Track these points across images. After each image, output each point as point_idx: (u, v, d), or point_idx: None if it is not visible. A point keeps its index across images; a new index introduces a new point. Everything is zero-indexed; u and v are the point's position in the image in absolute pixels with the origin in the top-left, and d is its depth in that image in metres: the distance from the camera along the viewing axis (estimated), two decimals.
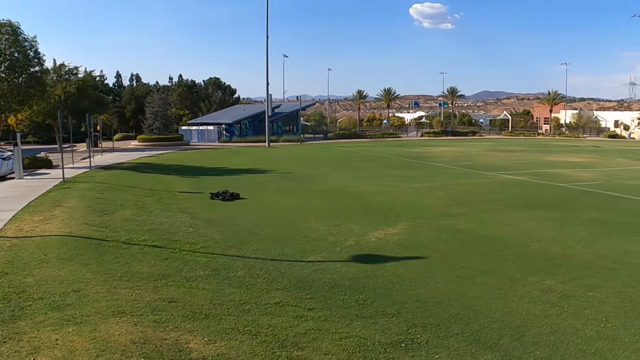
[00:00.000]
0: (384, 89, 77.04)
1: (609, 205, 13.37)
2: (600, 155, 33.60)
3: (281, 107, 57.19)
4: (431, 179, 18.65)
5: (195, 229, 9.81)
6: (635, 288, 6.57)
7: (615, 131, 77.59)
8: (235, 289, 6.21)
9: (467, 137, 63.34)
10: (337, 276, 6.98)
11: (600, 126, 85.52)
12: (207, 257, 7.66)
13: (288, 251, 8.32)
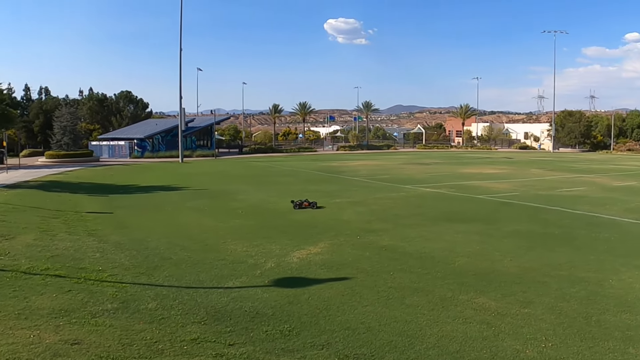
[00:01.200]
0: (299, 103, 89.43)
1: (529, 216, 15.40)
2: (514, 167, 39.14)
3: (195, 121, 64.57)
4: (350, 194, 20.78)
5: (103, 254, 10.24)
6: (569, 302, 7.39)
7: (525, 143, 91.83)
8: (147, 324, 6.37)
9: (382, 151, 74.29)
10: (259, 304, 7.31)
11: (511, 138, 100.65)
12: (115, 287, 7.91)
13: (204, 277, 8.72)
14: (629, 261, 10.11)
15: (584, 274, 9.15)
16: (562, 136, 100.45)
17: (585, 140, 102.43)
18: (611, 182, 28.40)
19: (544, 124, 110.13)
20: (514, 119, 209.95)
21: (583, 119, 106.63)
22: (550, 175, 31.98)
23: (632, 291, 8.14)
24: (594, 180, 28.82)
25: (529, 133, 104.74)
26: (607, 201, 19.33)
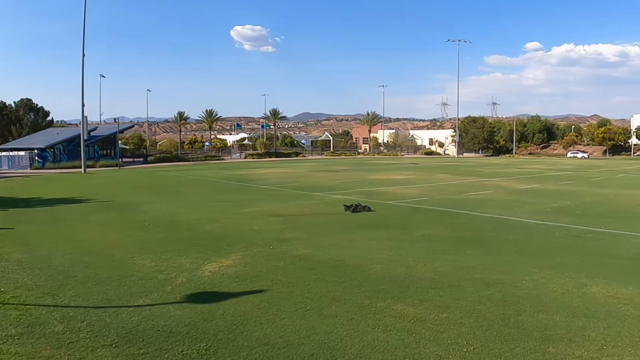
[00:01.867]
0: (206, 111, 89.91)
1: (439, 221, 15.88)
2: (421, 172, 40.91)
3: (98, 129, 63.40)
4: (260, 203, 20.68)
5: (4, 273, 9.72)
6: (486, 305, 7.59)
7: (431, 148, 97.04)
8: (55, 349, 6.07)
9: (290, 158, 76.37)
10: (172, 322, 7.05)
11: (416, 144, 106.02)
12: (19, 310, 7.50)
13: (112, 295, 8.33)
14: (539, 262, 10.54)
15: (497, 276, 9.44)
16: (466, 141, 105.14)
17: (488, 145, 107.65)
18: (516, 185, 29.89)
19: (448, 130, 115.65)
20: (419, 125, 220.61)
21: (486, 125, 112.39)
22: (457, 180, 33.44)
23: (546, 291, 8.47)
24: (499, 184, 30.21)
25: (434, 139, 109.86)
26: (513, 204, 20.26)
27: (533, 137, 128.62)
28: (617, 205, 20.41)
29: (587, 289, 8.63)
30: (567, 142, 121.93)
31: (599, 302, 7.89)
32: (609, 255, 11.34)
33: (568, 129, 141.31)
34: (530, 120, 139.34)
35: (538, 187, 29.05)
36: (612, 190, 27.04)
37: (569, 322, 6.99)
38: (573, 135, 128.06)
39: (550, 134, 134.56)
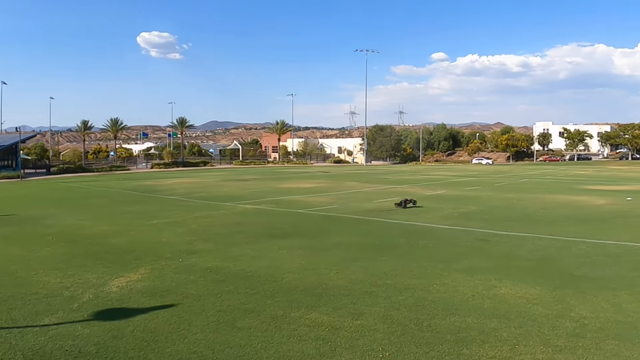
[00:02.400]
0: (111, 119, 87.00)
1: (349, 228, 16.08)
2: (330, 180, 41.47)
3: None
4: (168, 214, 20.15)
5: None
6: (399, 310, 7.70)
7: (339, 157, 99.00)
8: None
9: (198, 168, 75.86)
10: (80, 341, 6.73)
11: (325, 153, 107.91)
12: None
13: (17, 314, 7.90)
14: (449, 265, 10.82)
15: (409, 281, 9.60)
16: (374, 150, 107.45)
17: (395, 153, 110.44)
18: (423, 191, 30.75)
19: (357, 138, 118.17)
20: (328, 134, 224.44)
21: (393, 133, 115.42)
22: (366, 187, 34.10)
23: (457, 294, 8.68)
24: (407, 191, 30.94)
25: (343, 147, 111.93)
26: (421, 209, 20.75)
27: (439, 145, 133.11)
28: (522, 209, 21.37)
29: (496, 290, 8.92)
30: (472, 149, 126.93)
31: (509, 303, 8.17)
32: (516, 257, 11.82)
33: (473, 136, 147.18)
34: (436, 128, 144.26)
35: (445, 193, 30.02)
36: (516, 195, 28.33)
37: (481, 324, 7.18)
38: (478, 143, 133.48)
39: (455, 141, 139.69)
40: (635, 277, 9.88)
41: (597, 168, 79.36)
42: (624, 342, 6.48)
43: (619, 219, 18.43)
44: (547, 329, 6.96)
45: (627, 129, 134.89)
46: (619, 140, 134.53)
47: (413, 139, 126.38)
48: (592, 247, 13.07)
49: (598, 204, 23.82)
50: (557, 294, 8.66)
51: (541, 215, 19.25)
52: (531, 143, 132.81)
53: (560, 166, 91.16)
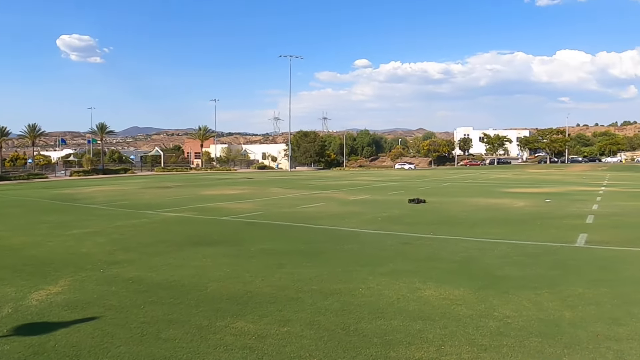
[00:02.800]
0: (28, 125, 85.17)
1: (274, 234, 16.02)
2: (255, 186, 41.36)
3: None
4: (89, 223, 19.43)
5: None
6: (325, 315, 7.71)
7: (264, 163, 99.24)
8: None
9: (119, 175, 74.96)
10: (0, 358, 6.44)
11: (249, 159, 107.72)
12: None
13: None
14: (374, 269, 10.93)
15: (335, 285, 9.63)
16: (298, 155, 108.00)
17: (320, 159, 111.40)
18: (347, 196, 31.11)
19: (281, 144, 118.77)
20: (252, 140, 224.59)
21: (317, 139, 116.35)
22: (291, 193, 34.15)
23: (382, 297, 8.77)
24: (331, 196, 31.23)
25: (267, 153, 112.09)
26: (345, 215, 20.98)
27: (363, 150, 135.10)
28: (444, 212, 21.91)
29: (421, 292, 9.07)
30: (394, 154, 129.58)
31: (433, 305, 8.31)
32: (440, 259, 12.07)
33: (395, 142, 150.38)
34: (359, 134, 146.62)
35: (368, 197, 30.46)
36: (438, 199, 29.04)
37: (407, 326, 7.27)
38: (400, 148, 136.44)
39: (378, 147, 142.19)
40: (555, 276, 10.28)
41: (517, 171, 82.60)
42: (546, 339, 6.71)
43: (538, 220, 19.18)
44: (472, 329, 7.12)
45: (545, 134, 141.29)
46: (537, 144, 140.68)
47: (337, 144, 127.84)
48: (512, 248, 13.52)
49: (518, 206, 24.75)
50: (480, 295, 8.89)
51: (463, 218, 19.80)
52: (452, 148, 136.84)
53: (481, 170, 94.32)
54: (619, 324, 7.30)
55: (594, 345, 6.50)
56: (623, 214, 21.25)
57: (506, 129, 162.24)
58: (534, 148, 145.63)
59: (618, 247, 13.65)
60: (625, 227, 17.42)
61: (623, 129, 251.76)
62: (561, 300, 8.50)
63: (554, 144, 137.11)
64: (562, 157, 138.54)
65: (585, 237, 15.11)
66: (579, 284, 9.62)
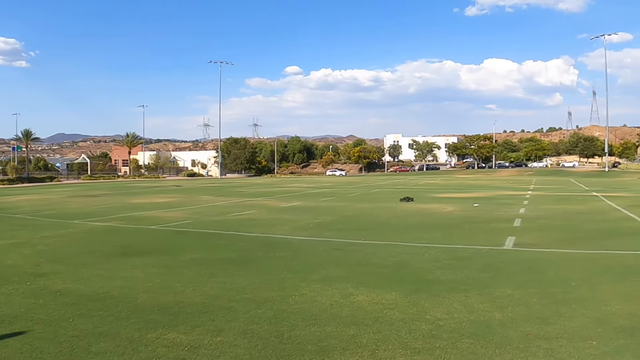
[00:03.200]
0: None
1: (205, 243, 15.81)
2: (184, 194, 41.04)
3: None
4: (13, 234, 18.75)
5: None
6: (258, 324, 7.66)
7: (193, 170, 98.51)
8: None
9: (45, 183, 73.56)
10: None
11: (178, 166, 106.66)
12: None
13: None
14: (306, 276, 10.96)
15: (267, 293, 9.60)
16: (228, 162, 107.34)
17: (250, 166, 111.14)
18: (278, 203, 31.14)
19: (211, 151, 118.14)
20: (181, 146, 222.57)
21: (248, 146, 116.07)
22: (221, 201, 33.96)
23: (316, 304, 8.80)
24: (262, 203, 31.21)
25: (197, 160, 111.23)
26: (277, 222, 20.98)
27: (294, 157, 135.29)
28: (375, 218, 22.21)
29: (354, 298, 9.15)
30: (326, 161, 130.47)
31: (366, 310, 8.40)
32: (371, 264, 12.23)
33: (326, 148, 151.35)
34: (290, 141, 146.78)
35: (300, 204, 30.56)
36: (369, 205, 29.44)
37: (341, 332, 7.32)
38: (331, 155, 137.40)
39: (309, 153, 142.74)
40: (484, 278, 10.58)
41: (445, 177, 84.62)
42: (478, 340, 6.88)
43: (467, 224, 19.70)
44: (405, 333, 7.22)
45: (473, 140, 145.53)
46: (465, 150, 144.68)
47: (268, 151, 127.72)
48: (442, 251, 13.83)
49: (447, 211, 25.35)
50: (412, 298, 9.05)
51: (394, 224, 20.12)
52: (382, 154, 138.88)
53: (410, 176, 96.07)
54: (548, 323, 7.57)
55: (525, 344, 6.71)
56: (549, 217, 22.10)
57: (435, 136, 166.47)
58: (462, 154, 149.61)
59: (545, 249, 14.18)
60: (551, 229, 18.12)
61: (548, 135, 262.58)
62: (491, 302, 8.75)
63: (481, 149, 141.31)
64: (489, 163, 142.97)
65: (513, 240, 15.62)
66: (508, 285, 9.92)
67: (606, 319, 7.74)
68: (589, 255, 13.46)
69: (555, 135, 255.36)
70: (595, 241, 15.63)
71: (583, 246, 14.77)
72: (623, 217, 22.61)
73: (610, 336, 6.98)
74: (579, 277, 10.66)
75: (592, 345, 6.66)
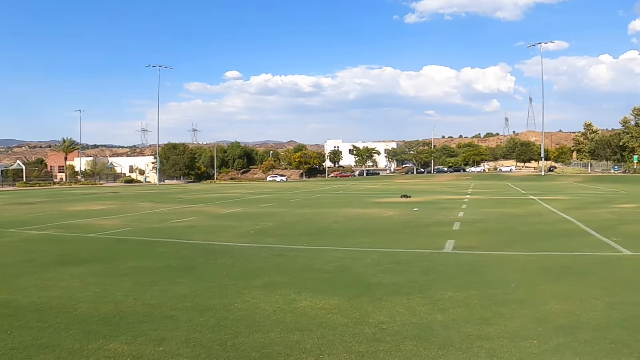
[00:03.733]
0: None
1: (145, 251, 15.56)
2: (122, 201, 40.39)
3: None
4: None
5: None
6: (201, 332, 7.59)
7: (131, 176, 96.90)
8: None
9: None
10: None
11: (116, 172, 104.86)
12: None
13: None
14: (248, 283, 10.92)
15: (209, 301, 9.52)
16: (167, 168, 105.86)
17: (190, 172, 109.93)
18: (219, 210, 30.95)
19: (149, 156, 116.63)
20: (119, 152, 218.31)
21: (187, 151, 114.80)
22: (160, 208, 33.49)
23: (258, 311, 8.77)
24: (202, 210, 30.95)
25: (135, 166, 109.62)
26: (217, 228, 20.84)
27: (234, 163, 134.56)
28: (316, 223, 22.32)
29: (297, 303, 9.17)
30: (266, 166, 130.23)
31: (309, 315, 8.43)
32: (313, 269, 12.28)
33: (267, 154, 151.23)
34: (230, 146, 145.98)
35: (240, 210, 30.44)
36: (310, 210, 29.57)
37: (284, 338, 7.32)
38: (272, 160, 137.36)
39: (250, 159, 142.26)
40: (426, 281, 10.77)
41: (385, 182, 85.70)
42: (421, 342, 7.00)
43: (408, 228, 20.02)
44: (348, 337, 7.28)
45: (412, 146, 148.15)
46: (404, 156, 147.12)
47: (207, 157, 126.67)
48: (384, 255, 14.01)
49: (387, 215, 25.69)
50: (355, 302, 9.13)
51: (335, 229, 20.26)
52: (323, 160, 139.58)
53: (351, 181, 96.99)
54: (489, 323, 7.77)
55: (467, 345, 6.86)
56: (487, 220, 22.67)
57: (375, 141, 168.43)
58: (402, 159, 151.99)
59: (484, 252, 14.54)
60: (489, 232, 18.60)
61: (486, 140, 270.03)
62: (433, 304, 8.91)
63: (420, 155, 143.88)
64: (428, 168, 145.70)
65: (452, 243, 15.95)
66: (449, 287, 10.13)
67: (546, 318, 8.00)
68: (527, 256, 13.87)
69: (492, 140, 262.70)
70: (532, 243, 16.11)
71: (521, 248, 15.20)
72: (559, 219, 23.40)
73: (550, 335, 7.21)
74: (518, 278, 10.97)
75: (532, 344, 6.87)
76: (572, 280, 10.73)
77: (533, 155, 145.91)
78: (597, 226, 19.88)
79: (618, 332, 7.26)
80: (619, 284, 10.38)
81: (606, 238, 16.71)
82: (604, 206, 30.99)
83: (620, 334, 7.18)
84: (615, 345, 6.75)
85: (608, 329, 7.41)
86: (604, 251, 14.55)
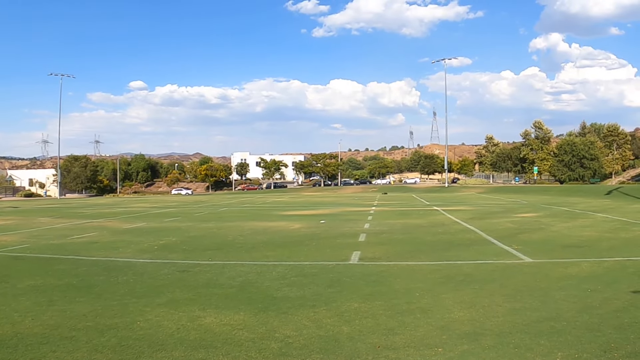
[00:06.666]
0: None
1: (43, 269, 14.80)
2: (21, 216, 38.89)
3: None
4: None
5: None
6: (102, 353, 7.31)
7: (31, 190, 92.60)
8: None
9: None
10: None
11: (15, 185, 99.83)
12: None
13: None
14: (151, 300, 10.63)
15: (111, 320, 9.19)
16: (68, 181, 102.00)
17: (92, 185, 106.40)
18: (121, 224, 30.07)
19: (50, 169, 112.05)
20: (18, 164, 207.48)
21: (89, 164, 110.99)
22: (60, 223, 32.19)
23: (162, 329, 8.55)
24: (104, 225, 29.97)
25: (34, 179, 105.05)
26: (120, 244, 20.21)
27: (138, 176, 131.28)
28: (222, 237, 22.07)
29: (201, 320, 9.01)
30: (171, 179, 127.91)
31: (214, 332, 8.30)
32: (218, 285, 12.11)
33: (172, 167, 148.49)
34: (134, 158, 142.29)
35: (144, 225, 29.69)
36: (216, 224, 29.23)
37: (189, 356, 7.17)
38: (177, 173, 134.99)
39: (154, 172, 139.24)
40: (331, 293, 10.86)
41: (293, 195, 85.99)
42: (327, 355, 7.04)
43: (314, 240, 20.13)
44: (254, 352, 7.22)
45: (319, 159, 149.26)
46: (312, 168, 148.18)
47: (110, 169, 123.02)
48: (290, 269, 14.02)
49: (294, 228, 25.75)
50: (261, 317, 9.08)
51: (241, 243, 20.11)
52: (229, 173, 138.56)
53: (258, 194, 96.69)
54: (394, 333, 7.91)
55: (373, 355, 6.96)
56: (392, 231, 23.16)
57: (282, 154, 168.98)
58: (309, 172, 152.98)
59: (388, 262, 14.83)
60: (394, 243, 18.99)
61: (391, 153, 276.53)
62: (339, 316, 8.99)
63: (327, 167, 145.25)
64: (335, 180, 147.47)
65: (358, 254, 16.18)
66: (355, 299, 10.26)
67: (450, 326, 8.23)
68: (431, 266, 14.25)
69: (397, 153, 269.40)
70: (436, 252, 16.58)
71: (425, 258, 15.60)
72: (462, 229, 24.20)
73: (454, 342, 7.43)
74: (422, 288, 11.24)
75: (438, 352, 7.04)
76: (475, 288, 11.10)
77: (437, 168, 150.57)
78: (499, 235, 20.71)
79: (520, 337, 7.56)
80: (519, 291, 10.82)
81: (507, 246, 17.42)
82: (505, 216, 32.33)
83: (522, 339, 7.48)
84: (518, 350, 7.03)
85: (511, 334, 7.71)
86: (505, 259, 15.13)
